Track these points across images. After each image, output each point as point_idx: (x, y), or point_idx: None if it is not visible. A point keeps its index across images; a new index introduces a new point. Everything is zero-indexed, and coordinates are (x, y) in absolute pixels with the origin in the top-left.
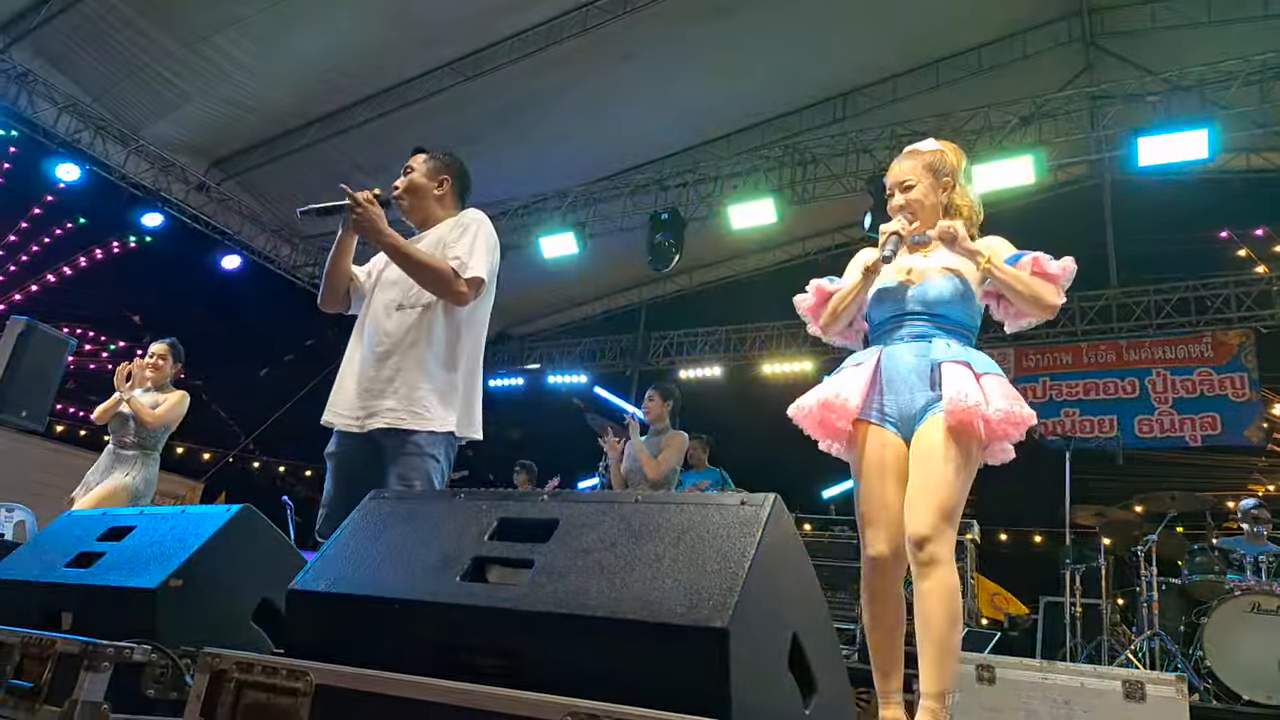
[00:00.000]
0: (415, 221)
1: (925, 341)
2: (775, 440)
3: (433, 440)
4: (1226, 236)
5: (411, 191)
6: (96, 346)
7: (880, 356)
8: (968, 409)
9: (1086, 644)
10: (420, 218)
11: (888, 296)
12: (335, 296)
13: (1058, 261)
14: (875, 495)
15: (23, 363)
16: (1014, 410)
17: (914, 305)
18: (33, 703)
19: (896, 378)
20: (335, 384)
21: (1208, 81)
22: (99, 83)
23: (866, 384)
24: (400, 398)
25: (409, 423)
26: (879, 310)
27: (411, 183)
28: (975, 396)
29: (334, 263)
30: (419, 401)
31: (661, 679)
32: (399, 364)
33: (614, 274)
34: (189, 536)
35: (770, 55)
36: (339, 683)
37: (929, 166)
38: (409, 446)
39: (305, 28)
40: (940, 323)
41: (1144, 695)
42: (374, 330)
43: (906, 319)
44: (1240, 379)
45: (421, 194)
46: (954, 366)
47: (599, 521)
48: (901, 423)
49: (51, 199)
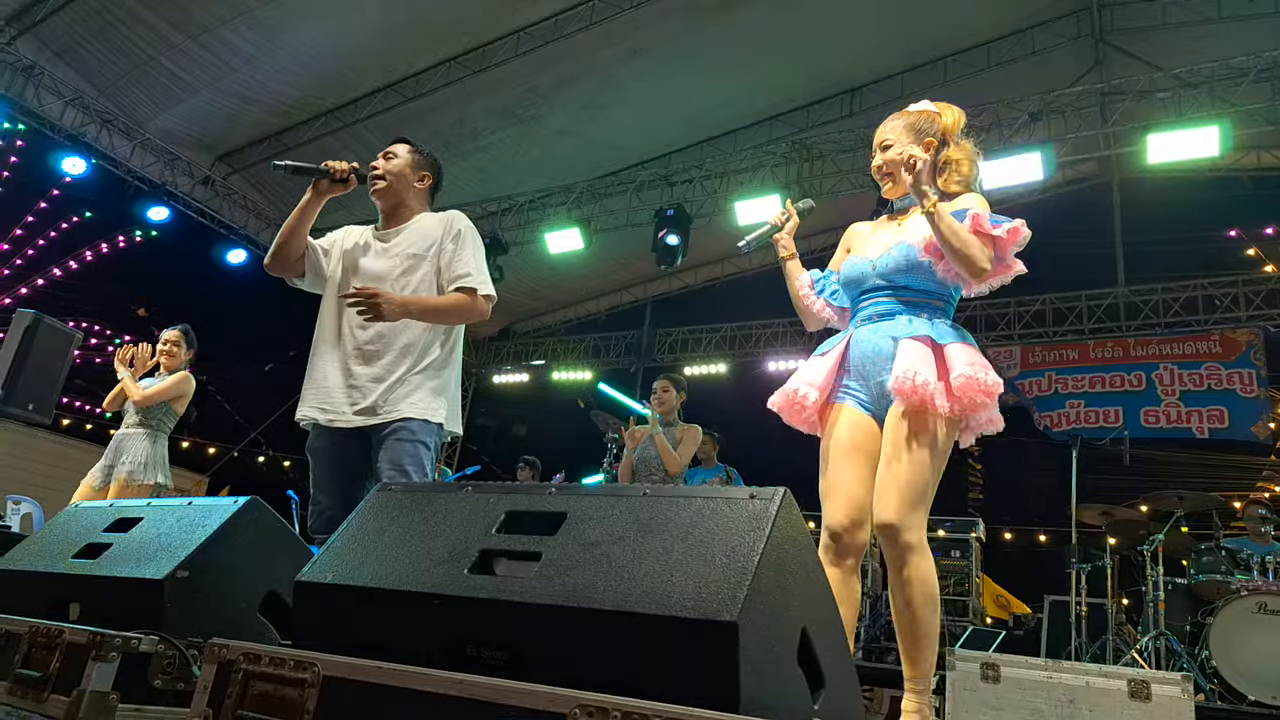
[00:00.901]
0: (384, 206)
1: (889, 319)
2: (780, 437)
3: (425, 428)
4: (1235, 235)
5: (394, 177)
6: (102, 340)
7: (849, 340)
8: (915, 387)
9: (1091, 643)
10: (391, 204)
11: (854, 275)
12: (286, 262)
13: (1007, 223)
14: (838, 472)
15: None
16: (975, 376)
17: (875, 280)
18: (41, 692)
19: (865, 361)
20: (309, 378)
21: (1218, 78)
22: (105, 76)
23: (830, 371)
24: (398, 395)
25: (404, 411)
26: (849, 290)
27: (397, 169)
28: (924, 374)
29: (293, 227)
30: (413, 394)
31: (670, 672)
32: (392, 365)
33: (619, 270)
34: (196, 528)
35: (778, 51)
36: (346, 674)
37: (910, 126)
38: (402, 433)
39: (311, 21)
40: (903, 295)
41: (1149, 695)
42: (359, 329)
43: (870, 295)
44: (1249, 375)
45: (403, 183)
46: (910, 344)
47: (607, 515)
48: (875, 404)
49: (57, 192)
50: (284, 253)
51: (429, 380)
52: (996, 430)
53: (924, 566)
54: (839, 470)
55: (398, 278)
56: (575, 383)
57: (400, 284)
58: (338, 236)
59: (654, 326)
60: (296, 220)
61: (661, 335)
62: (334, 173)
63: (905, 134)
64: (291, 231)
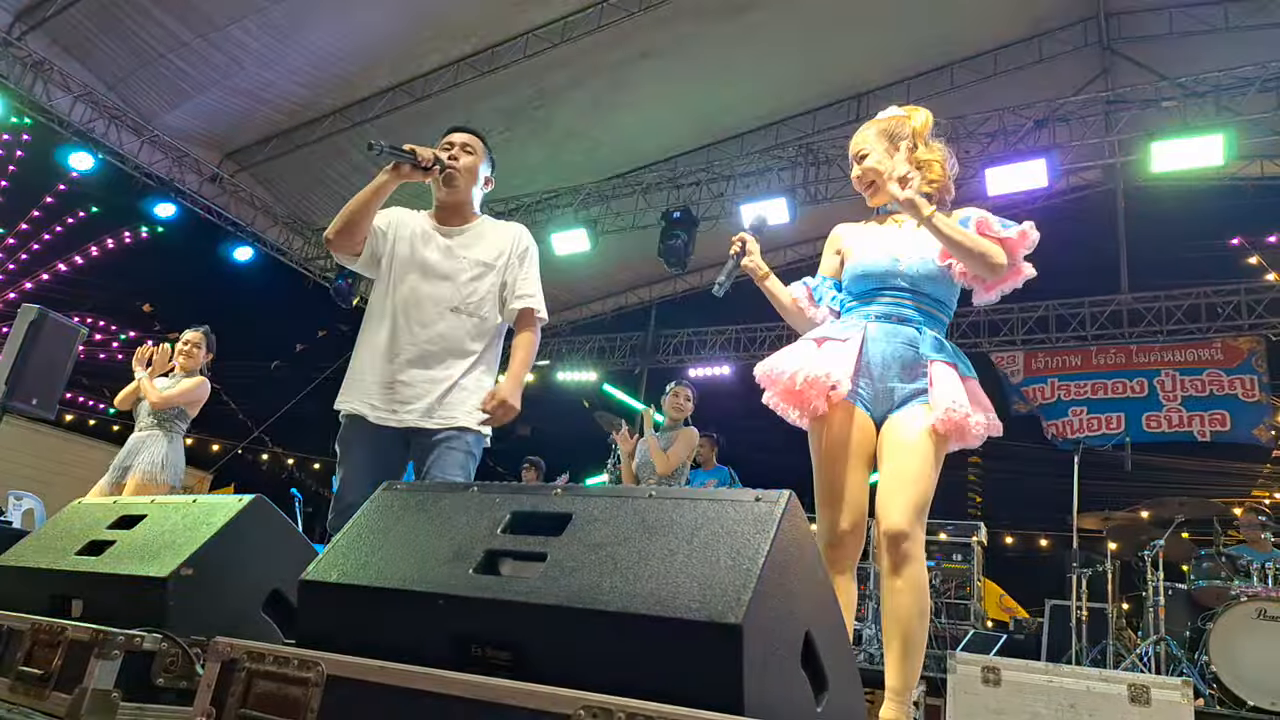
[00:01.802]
0: (448, 200)
1: (909, 327)
2: (785, 439)
3: (477, 441)
4: (1238, 243)
5: (470, 175)
6: (107, 336)
7: (865, 335)
8: (960, 419)
9: (1092, 648)
10: (457, 201)
11: (875, 271)
12: (351, 240)
13: (1015, 226)
14: (838, 473)
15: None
16: (992, 423)
17: (900, 281)
18: (42, 689)
19: (878, 363)
20: (356, 370)
21: (1223, 87)
22: (114, 72)
23: (854, 365)
24: (454, 400)
25: (461, 421)
26: (860, 283)
27: (469, 166)
28: (966, 406)
29: (367, 205)
30: (468, 401)
31: (675, 674)
32: (449, 368)
33: (625, 271)
34: (201, 526)
35: (785, 55)
36: (350, 673)
37: (883, 132)
38: (456, 442)
39: (321, 20)
40: (924, 302)
41: (1149, 699)
42: (422, 326)
43: (889, 294)
44: (1250, 380)
45: (471, 181)
46: (944, 369)
47: (612, 516)
48: (873, 404)
49: (64, 188)
50: (353, 230)
51: (481, 386)
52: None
53: (920, 577)
54: (840, 474)
55: (465, 282)
56: (580, 383)
57: (467, 290)
58: (393, 218)
59: (659, 328)
60: (371, 198)
61: (667, 336)
62: (422, 161)
63: (879, 140)
64: (364, 210)
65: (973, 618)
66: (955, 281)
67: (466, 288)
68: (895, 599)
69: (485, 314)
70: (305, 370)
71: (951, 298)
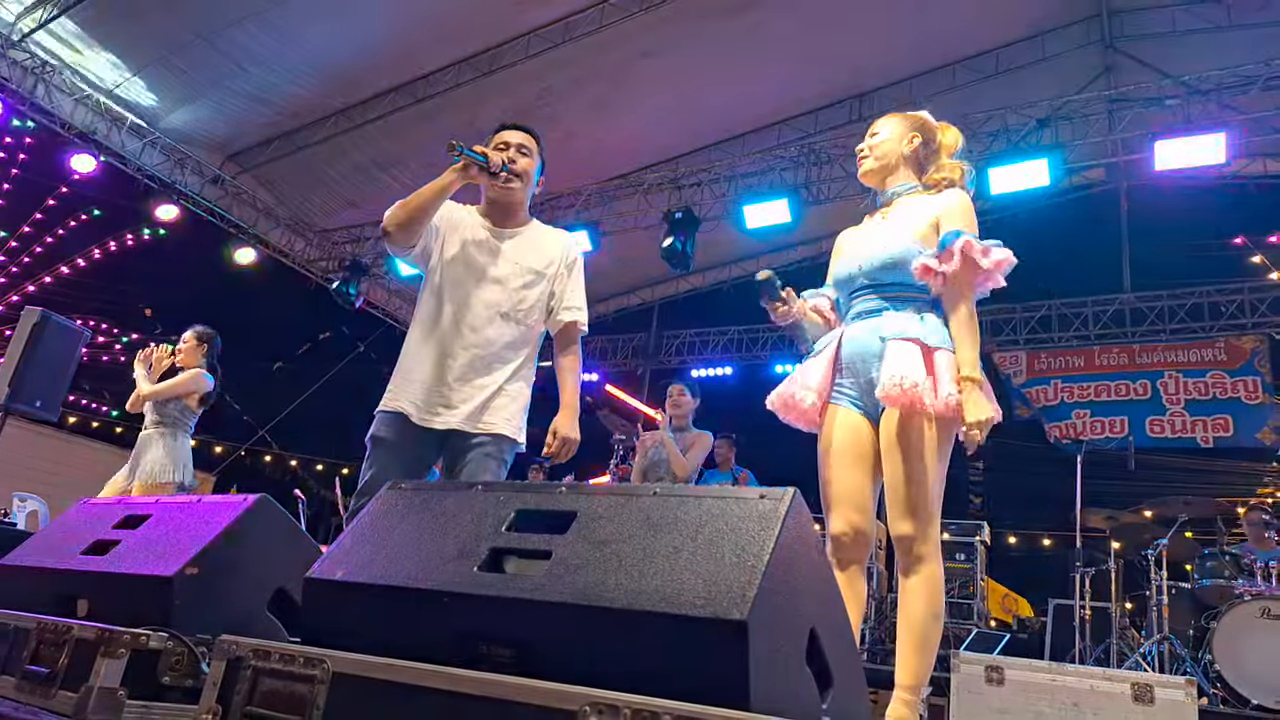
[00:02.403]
0: (504, 202)
1: (876, 316)
2: (788, 440)
3: (512, 449)
4: (1241, 242)
5: (528, 179)
6: (109, 339)
7: (840, 338)
8: (904, 391)
9: (1095, 647)
10: (512, 204)
11: (842, 277)
12: (411, 235)
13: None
14: (837, 475)
15: (37, 353)
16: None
17: (861, 280)
18: (49, 688)
19: (854, 359)
20: (404, 369)
21: (1226, 86)
22: (115, 74)
23: (826, 372)
24: (497, 406)
25: (500, 428)
26: (840, 291)
27: (527, 170)
28: (912, 376)
29: (430, 202)
30: (508, 408)
31: (680, 671)
32: (496, 376)
33: (627, 272)
34: (205, 525)
35: (787, 55)
36: (356, 671)
37: (908, 122)
38: (491, 448)
39: (323, 21)
40: (886, 291)
41: (1153, 698)
42: (471, 330)
43: (857, 295)
44: (1253, 382)
45: (528, 184)
46: (899, 345)
47: (617, 514)
48: (865, 402)
49: (66, 190)
50: (414, 226)
51: (521, 393)
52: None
53: (935, 577)
54: (838, 476)
55: (517, 289)
56: (583, 384)
57: (518, 296)
58: (444, 213)
59: (661, 329)
60: (434, 196)
61: (669, 337)
62: (491, 166)
63: (899, 125)
64: (428, 207)
65: (976, 617)
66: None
67: (517, 295)
68: (908, 597)
69: (532, 322)
70: (308, 372)
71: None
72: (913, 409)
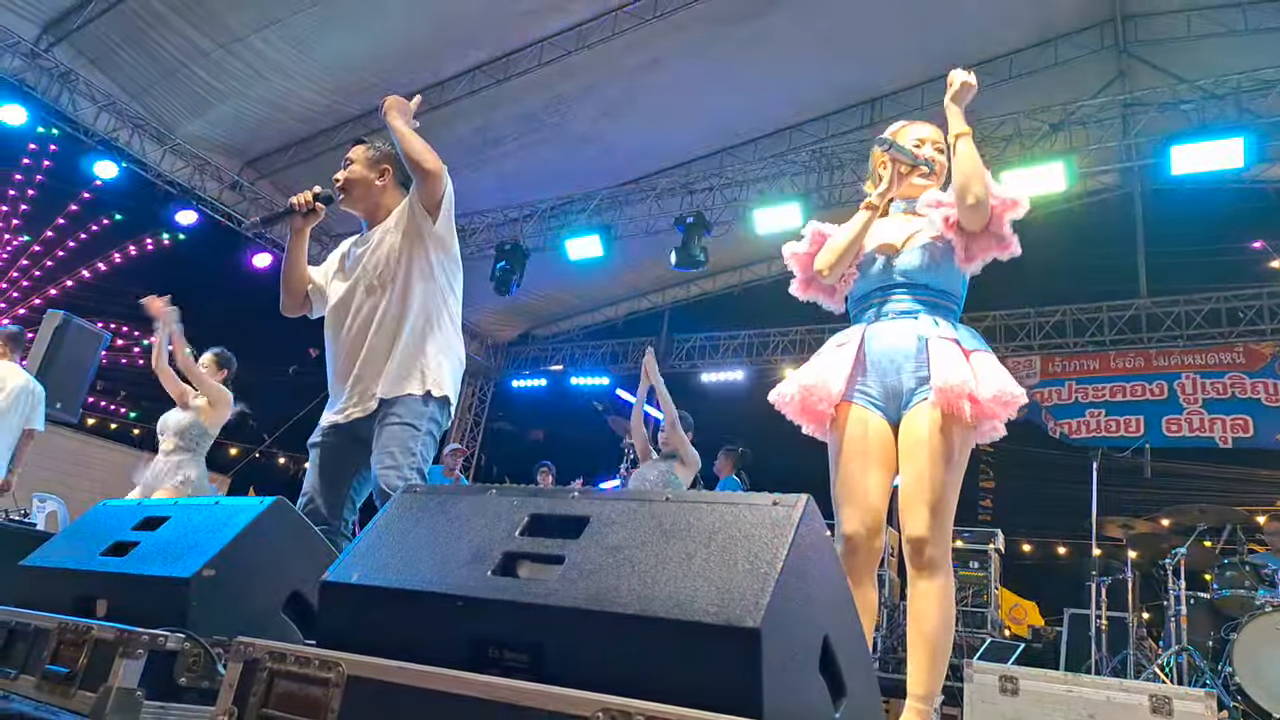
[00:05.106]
0: (361, 213)
1: (911, 318)
2: (797, 444)
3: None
4: (1260, 247)
5: (353, 183)
6: (129, 342)
7: (864, 336)
8: (953, 388)
9: (1112, 658)
10: (366, 209)
11: (868, 269)
12: (295, 300)
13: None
14: (853, 477)
15: (58, 355)
16: (1005, 389)
17: (895, 277)
18: (68, 688)
19: (882, 358)
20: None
21: (1243, 90)
22: (137, 82)
23: (850, 366)
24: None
25: (387, 391)
26: (860, 284)
27: (351, 176)
28: (962, 374)
29: (289, 267)
30: (390, 374)
31: (693, 678)
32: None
33: (638, 276)
34: (223, 527)
35: (798, 60)
36: (370, 674)
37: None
38: (390, 418)
39: (341, 29)
40: (921, 294)
41: (1171, 710)
42: (343, 318)
43: (890, 293)
44: (1274, 385)
45: (363, 186)
46: (942, 343)
47: (630, 519)
48: (886, 403)
49: (89, 196)
50: (288, 298)
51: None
52: (996, 438)
53: (946, 583)
54: (854, 477)
55: (367, 259)
56: (593, 388)
57: (372, 260)
58: (331, 256)
59: (672, 332)
60: (287, 265)
61: (679, 341)
62: (298, 207)
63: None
64: (286, 277)
65: (990, 626)
66: (955, 265)
67: (370, 260)
68: (919, 604)
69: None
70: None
71: (953, 285)
72: (958, 411)
